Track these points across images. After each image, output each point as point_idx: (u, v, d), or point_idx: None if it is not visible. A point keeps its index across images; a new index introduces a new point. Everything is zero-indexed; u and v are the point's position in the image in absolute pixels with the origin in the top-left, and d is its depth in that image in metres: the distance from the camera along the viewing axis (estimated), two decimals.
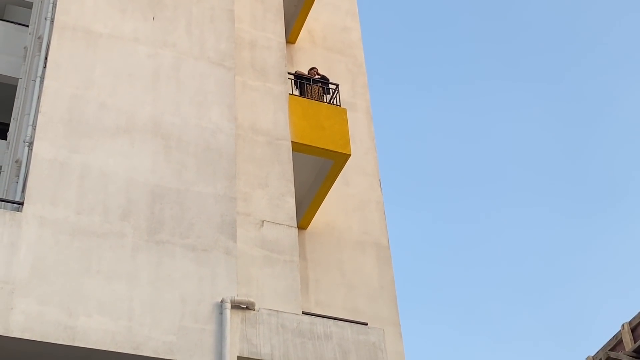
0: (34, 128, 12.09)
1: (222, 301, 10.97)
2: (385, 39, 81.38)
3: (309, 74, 16.21)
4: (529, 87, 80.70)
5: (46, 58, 12.84)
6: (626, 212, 75.02)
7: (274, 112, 14.74)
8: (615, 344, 19.92)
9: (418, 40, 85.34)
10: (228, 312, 10.86)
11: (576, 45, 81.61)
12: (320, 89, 15.98)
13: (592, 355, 20.51)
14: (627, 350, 18.88)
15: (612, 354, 18.79)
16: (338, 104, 15.81)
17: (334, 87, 16.03)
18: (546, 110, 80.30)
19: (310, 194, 15.41)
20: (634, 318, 19.58)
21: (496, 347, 74.06)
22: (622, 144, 78.01)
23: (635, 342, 18.73)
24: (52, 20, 13.34)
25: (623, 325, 19.73)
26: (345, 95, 16.90)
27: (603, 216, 78.61)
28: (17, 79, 17.41)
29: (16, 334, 9.88)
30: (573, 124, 79.86)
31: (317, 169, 15.18)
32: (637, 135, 75.89)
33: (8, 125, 17.14)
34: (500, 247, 78.58)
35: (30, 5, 19.31)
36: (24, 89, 15.50)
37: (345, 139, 15.18)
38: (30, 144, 11.99)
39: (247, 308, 11.09)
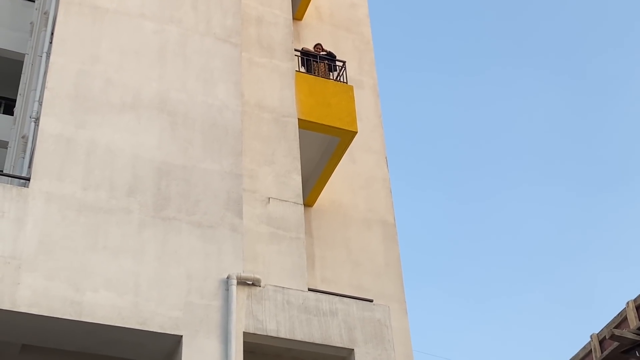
0: (40, 104, 12.09)
1: (228, 277, 11.01)
2: (393, 16, 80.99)
3: (314, 49, 16.14)
4: (542, 64, 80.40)
5: (52, 33, 12.82)
6: (637, 191, 75.06)
7: (280, 89, 14.69)
8: (620, 321, 19.92)
9: (426, 16, 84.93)
10: (234, 288, 10.90)
11: (590, 29, 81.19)
12: (327, 66, 15.91)
13: (597, 332, 20.53)
14: (631, 327, 18.88)
15: (617, 332, 18.79)
16: (345, 81, 15.74)
17: (341, 64, 15.96)
18: (559, 91, 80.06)
19: (316, 171, 15.39)
20: (639, 296, 19.57)
21: (503, 323, 74.42)
22: (634, 126, 77.79)
23: (639, 320, 18.74)
24: None
25: (628, 303, 19.73)
26: (352, 72, 16.82)
27: (614, 195, 78.58)
28: (23, 55, 17.41)
29: (23, 308, 9.93)
30: (585, 106, 79.62)
31: (323, 146, 15.15)
32: None
33: (14, 101, 17.15)
34: (509, 224, 78.67)
35: None
36: (30, 65, 15.50)
37: (352, 116, 15.13)
38: (37, 120, 11.99)
39: (253, 284, 11.12)
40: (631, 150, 76.32)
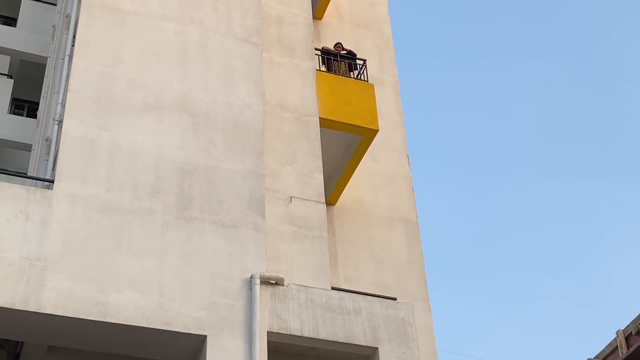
0: (63, 106, 12.13)
1: (251, 277, 11.00)
2: (413, 14, 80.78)
3: (335, 48, 16.13)
4: (554, 63, 79.93)
5: (74, 36, 12.86)
6: None
7: (301, 88, 14.69)
8: None
9: (446, 14, 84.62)
10: (257, 287, 10.88)
11: (600, 19, 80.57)
12: (348, 64, 15.90)
13: (623, 328, 20.36)
14: None
15: None
16: (365, 79, 15.72)
17: (362, 62, 15.94)
18: (570, 86, 79.52)
19: (338, 169, 15.38)
20: None
21: (527, 319, 74.00)
22: None
23: None
24: None
25: None
26: (372, 70, 16.80)
27: (630, 185, 77.98)
28: (46, 58, 17.53)
29: (48, 310, 9.95)
30: (595, 98, 79.06)
31: (344, 145, 15.13)
32: None
33: (37, 104, 17.27)
34: (531, 219, 78.23)
35: None
36: (53, 68, 15.58)
37: (373, 114, 15.11)
38: (60, 122, 12.04)
39: (276, 284, 11.10)
40: None
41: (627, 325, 20.27)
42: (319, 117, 14.48)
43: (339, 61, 15.79)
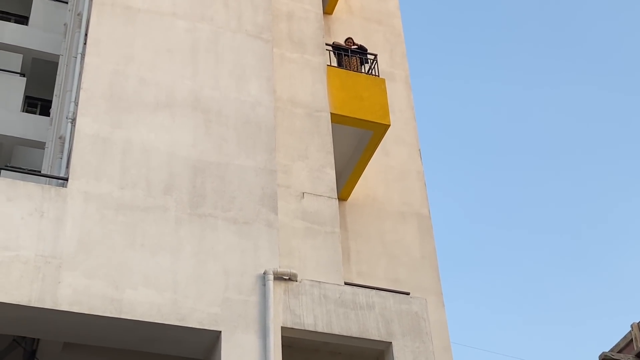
0: (76, 104, 12.17)
1: (264, 273, 11.02)
2: (424, 7, 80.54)
3: (345, 43, 16.12)
4: (569, 55, 79.52)
5: (86, 34, 12.88)
6: None
7: (312, 83, 14.68)
8: None
9: (457, 7, 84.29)
10: (271, 283, 10.90)
11: (617, 28, 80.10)
12: (358, 59, 15.87)
13: (637, 322, 20.31)
14: None
15: None
16: (376, 74, 15.69)
17: (372, 57, 15.92)
18: (588, 80, 79.12)
19: (350, 165, 15.38)
20: None
21: (541, 311, 73.77)
22: None
23: None
24: None
25: None
26: (383, 65, 16.78)
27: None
28: (58, 56, 17.62)
29: (64, 307, 9.99)
30: (607, 96, 78.66)
31: (356, 140, 15.11)
32: None
33: (50, 102, 17.36)
34: (541, 213, 77.95)
35: None
36: (65, 66, 15.65)
37: (385, 109, 15.08)
38: (73, 120, 12.08)
39: (289, 279, 11.12)
40: None
41: None
42: (331, 113, 14.43)
43: (349, 56, 15.76)
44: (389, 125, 15.04)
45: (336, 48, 15.86)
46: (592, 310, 75.01)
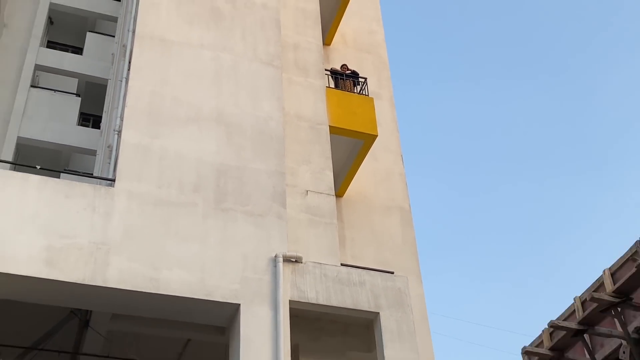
0: (121, 119, 12.11)
1: (275, 256, 10.97)
2: (405, 39, 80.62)
3: (341, 69, 16.10)
4: (529, 82, 79.58)
5: (129, 62, 12.86)
6: (614, 177, 74.25)
7: (314, 102, 14.66)
8: (598, 286, 19.67)
9: (434, 39, 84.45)
10: (281, 265, 10.86)
11: (572, 43, 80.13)
12: (352, 82, 15.86)
13: (579, 295, 20.27)
14: (607, 291, 18.63)
15: (595, 295, 18.53)
16: (366, 94, 15.68)
17: (363, 80, 15.90)
18: (548, 95, 79.10)
19: (345, 168, 15.36)
20: (613, 264, 19.31)
21: (503, 286, 73.80)
22: (612, 126, 76.72)
23: (614, 285, 18.46)
24: (133, 32, 13.37)
25: (604, 270, 19.47)
26: (372, 87, 16.77)
27: (594, 182, 77.62)
28: (106, 80, 17.60)
29: (112, 284, 9.99)
30: (570, 109, 78.65)
31: (350, 148, 15.10)
32: (618, 121, 74.61)
33: (100, 117, 17.35)
34: (502, 205, 78.02)
35: (115, 20, 19.47)
36: (113, 88, 15.64)
37: (373, 122, 15.08)
38: (119, 132, 12.02)
39: (296, 261, 11.06)
40: (607, 145, 75.31)
41: (583, 293, 20.18)
42: (329, 125, 14.43)
43: (344, 79, 15.76)
44: (377, 136, 15.02)
45: (333, 73, 15.85)
46: (544, 286, 75.19)
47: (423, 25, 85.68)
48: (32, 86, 17.86)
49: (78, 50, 19.64)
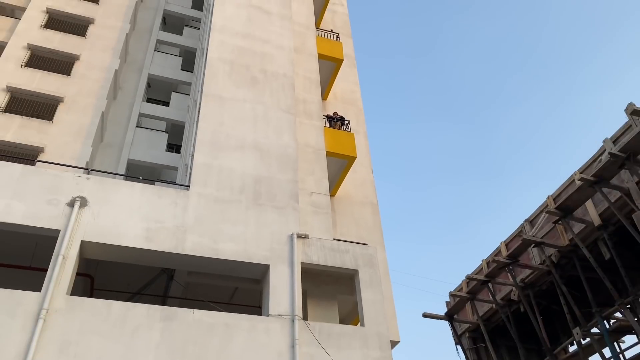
0: (194, 147, 12.17)
1: (292, 234, 10.95)
2: (374, 94, 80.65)
3: (333, 115, 16.14)
4: (451, 117, 79.57)
5: (199, 111, 12.93)
6: (509, 182, 73.99)
7: (316, 136, 14.71)
8: (497, 252, 19.56)
9: (392, 92, 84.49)
10: (295, 239, 10.85)
11: (484, 92, 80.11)
12: (340, 123, 15.92)
13: (485, 258, 20.19)
14: (503, 256, 18.53)
15: (496, 258, 18.42)
16: (350, 131, 15.71)
17: (347, 122, 15.94)
18: (460, 132, 78.97)
19: (335, 177, 15.39)
20: (507, 238, 19.21)
21: (444, 253, 73.38)
22: (509, 143, 76.53)
23: (507, 251, 18.38)
24: (201, 92, 13.40)
25: (501, 242, 19.39)
26: (353, 126, 16.82)
27: (496, 184, 77.43)
28: (184, 122, 17.60)
29: (188, 252, 10.00)
30: (476, 138, 78.43)
31: (339, 165, 15.14)
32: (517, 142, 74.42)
33: (180, 146, 17.34)
34: (433, 199, 77.74)
35: (189, 84, 19.48)
36: (188, 128, 15.66)
37: (354, 148, 15.12)
38: (192, 155, 12.09)
39: (305, 237, 11.06)
40: (505, 160, 75.27)
41: (488, 256, 20.12)
42: (326, 151, 14.48)
43: (335, 122, 15.82)
44: (356, 157, 15.06)
45: (328, 118, 15.89)
46: (462, 248, 75.08)
47: (385, 83, 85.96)
48: (137, 126, 17.89)
49: (166, 104, 19.67)
